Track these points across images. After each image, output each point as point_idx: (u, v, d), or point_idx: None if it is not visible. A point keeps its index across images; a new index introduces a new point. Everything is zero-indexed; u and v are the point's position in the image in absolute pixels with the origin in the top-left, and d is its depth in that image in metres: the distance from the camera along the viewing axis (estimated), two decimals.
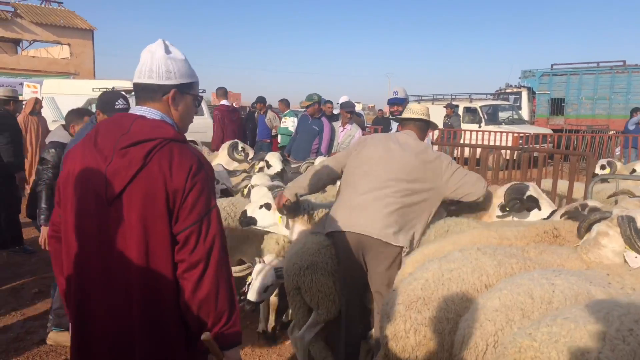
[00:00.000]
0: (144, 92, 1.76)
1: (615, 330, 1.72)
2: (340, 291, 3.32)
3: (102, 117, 3.29)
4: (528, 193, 3.55)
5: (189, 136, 1.88)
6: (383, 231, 3.12)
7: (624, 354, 1.67)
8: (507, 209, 3.52)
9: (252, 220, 3.63)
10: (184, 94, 1.79)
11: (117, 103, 3.29)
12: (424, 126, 3.55)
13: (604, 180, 5.33)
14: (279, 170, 5.28)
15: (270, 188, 4.18)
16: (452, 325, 2.31)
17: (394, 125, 5.61)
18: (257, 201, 3.69)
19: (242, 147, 6.36)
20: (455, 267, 2.49)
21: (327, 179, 3.52)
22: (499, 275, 2.43)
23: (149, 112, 1.74)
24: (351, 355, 3.31)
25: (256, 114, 10.59)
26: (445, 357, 2.31)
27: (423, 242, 3.28)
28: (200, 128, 10.84)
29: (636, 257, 2.36)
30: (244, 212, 3.65)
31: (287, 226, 3.66)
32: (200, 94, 1.95)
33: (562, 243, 2.80)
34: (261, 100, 10.49)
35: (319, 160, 5.28)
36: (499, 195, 3.62)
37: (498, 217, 3.59)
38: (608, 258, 2.45)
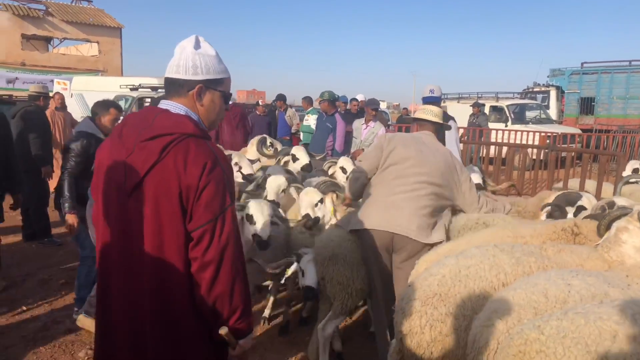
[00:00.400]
0: (172, 86, 1.77)
1: (627, 329, 1.67)
2: (367, 284, 3.39)
3: None
4: (579, 203, 3.55)
5: None
6: (419, 232, 3.21)
7: (634, 354, 1.62)
8: (549, 215, 3.54)
9: (317, 219, 3.85)
10: (211, 90, 1.77)
11: None
12: (439, 128, 3.72)
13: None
14: (307, 162, 5.21)
15: (288, 178, 4.26)
16: (468, 322, 2.28)
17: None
18: (310, 201, 3.84)
19: (270, 142, 6.33)
20: (473, 263, 2.45)
21: (367, 182, 3.57)
22: (516, 273, 2.38)
23: (174, 106, 1.74)
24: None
25: (276, 112, 10.66)
26: (461, 354, 2.28)
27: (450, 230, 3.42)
28: None
29: None
30: (308, 217, 3.82)
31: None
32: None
33: (582, 242, 2.74)
34: (281, 97, 10.55)
35: (341, 160, 5.22)
36: (551, 199, 3.64)
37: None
38: (630, 255, 2.39)
